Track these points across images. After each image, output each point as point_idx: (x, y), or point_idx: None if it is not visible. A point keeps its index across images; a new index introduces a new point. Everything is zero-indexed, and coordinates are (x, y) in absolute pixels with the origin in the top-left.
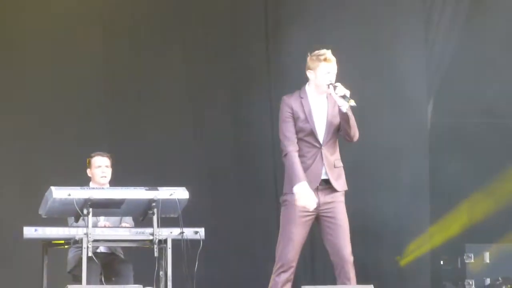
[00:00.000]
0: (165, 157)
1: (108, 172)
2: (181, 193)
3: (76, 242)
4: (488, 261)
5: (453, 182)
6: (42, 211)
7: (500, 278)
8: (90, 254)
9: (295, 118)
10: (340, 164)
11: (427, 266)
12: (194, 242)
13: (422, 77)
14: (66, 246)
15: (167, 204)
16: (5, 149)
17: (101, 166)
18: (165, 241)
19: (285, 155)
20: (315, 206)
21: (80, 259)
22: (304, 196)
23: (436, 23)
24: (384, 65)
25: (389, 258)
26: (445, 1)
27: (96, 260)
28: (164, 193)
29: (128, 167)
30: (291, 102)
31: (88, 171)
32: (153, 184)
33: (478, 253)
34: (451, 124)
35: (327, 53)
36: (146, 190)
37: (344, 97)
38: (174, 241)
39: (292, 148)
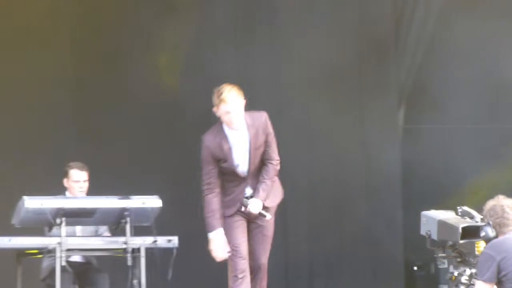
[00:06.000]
0: (136, 164)
1: (85, 187)
2: (153, 202)
3: (49, 252)
4: None
5: (425, 188)
6: (15, 221)
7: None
8: (63, 263)
9: (215, 160)
10: None
11: (401, 272)
12: (167, 250)
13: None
14: (39, 256)
15: (139, 213)
16: None
17: (79, 181)
18: (139, 249)
19: (204, 196)
20: (225, 256)
21: (54, 268)
22: (217, 247)
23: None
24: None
25: (364, 259)
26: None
27: (69, 269)
28: (137, 202)
29: (98, 174)
30: (210, 144)
31: (65, 180)
32: (124, 192)
33: None
34: (423, 130)
35: (224, 92)
36: (119, 199)
37: (260, 214)
38: (148, 250)
39: (210, 193)
